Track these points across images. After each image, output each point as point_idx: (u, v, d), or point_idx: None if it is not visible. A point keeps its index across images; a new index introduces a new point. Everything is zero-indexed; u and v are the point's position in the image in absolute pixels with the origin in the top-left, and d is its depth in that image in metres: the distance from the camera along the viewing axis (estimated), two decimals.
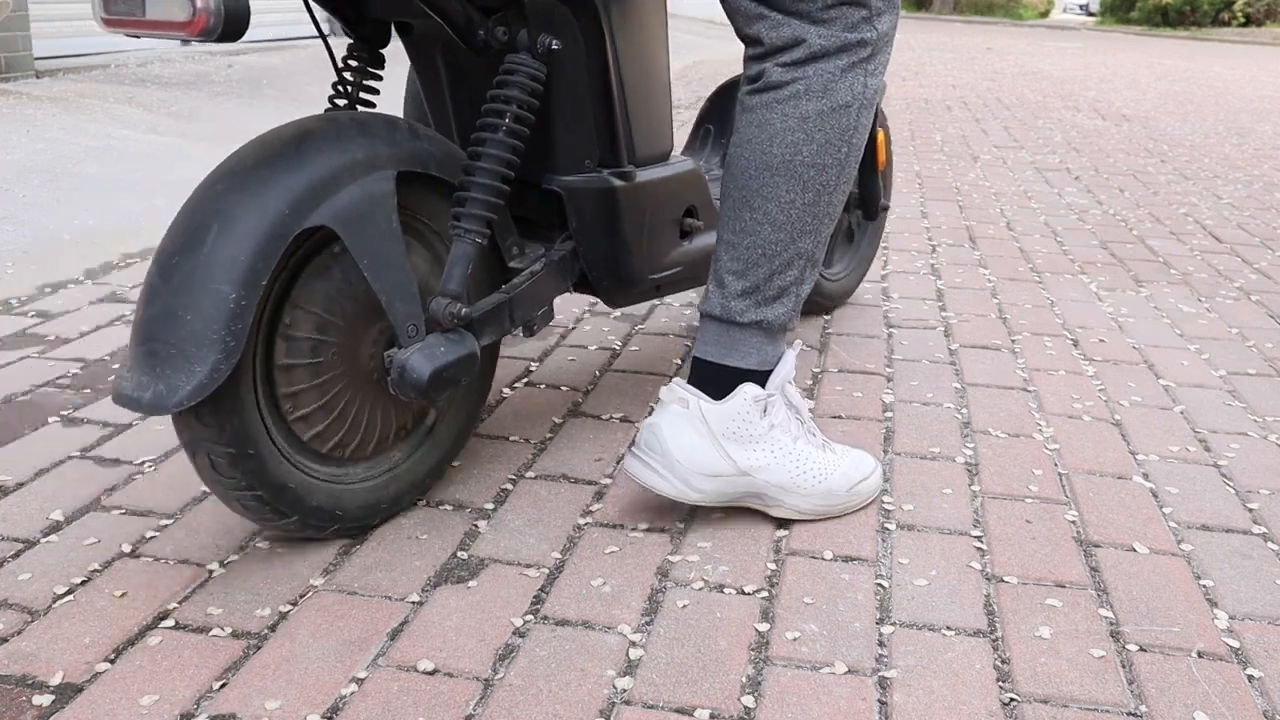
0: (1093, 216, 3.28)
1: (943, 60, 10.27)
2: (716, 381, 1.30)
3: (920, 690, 1.04)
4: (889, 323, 2.17)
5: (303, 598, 1.16)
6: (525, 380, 1.81)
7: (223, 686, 1.01)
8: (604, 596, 1.18)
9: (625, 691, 1.02)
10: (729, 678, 1.05)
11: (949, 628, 1.14)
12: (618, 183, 1.47)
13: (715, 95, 1.98)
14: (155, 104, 4.06)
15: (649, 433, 1.29)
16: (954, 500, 1.42)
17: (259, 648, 1.07)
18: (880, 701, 1.02)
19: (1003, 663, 1.09)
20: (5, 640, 1.08)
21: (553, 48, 1.30)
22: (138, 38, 1.34)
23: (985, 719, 1.00)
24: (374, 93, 1.41)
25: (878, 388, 1.82)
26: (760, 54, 1.25)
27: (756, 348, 1.30)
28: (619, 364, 1.90)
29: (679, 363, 1.91)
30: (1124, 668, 1.08)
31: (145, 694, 1.00)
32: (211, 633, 1.10)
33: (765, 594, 1.19)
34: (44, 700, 0.99)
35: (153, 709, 0.98)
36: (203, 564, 1.22)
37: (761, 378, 1.30)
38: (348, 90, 1.40)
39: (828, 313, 2.20)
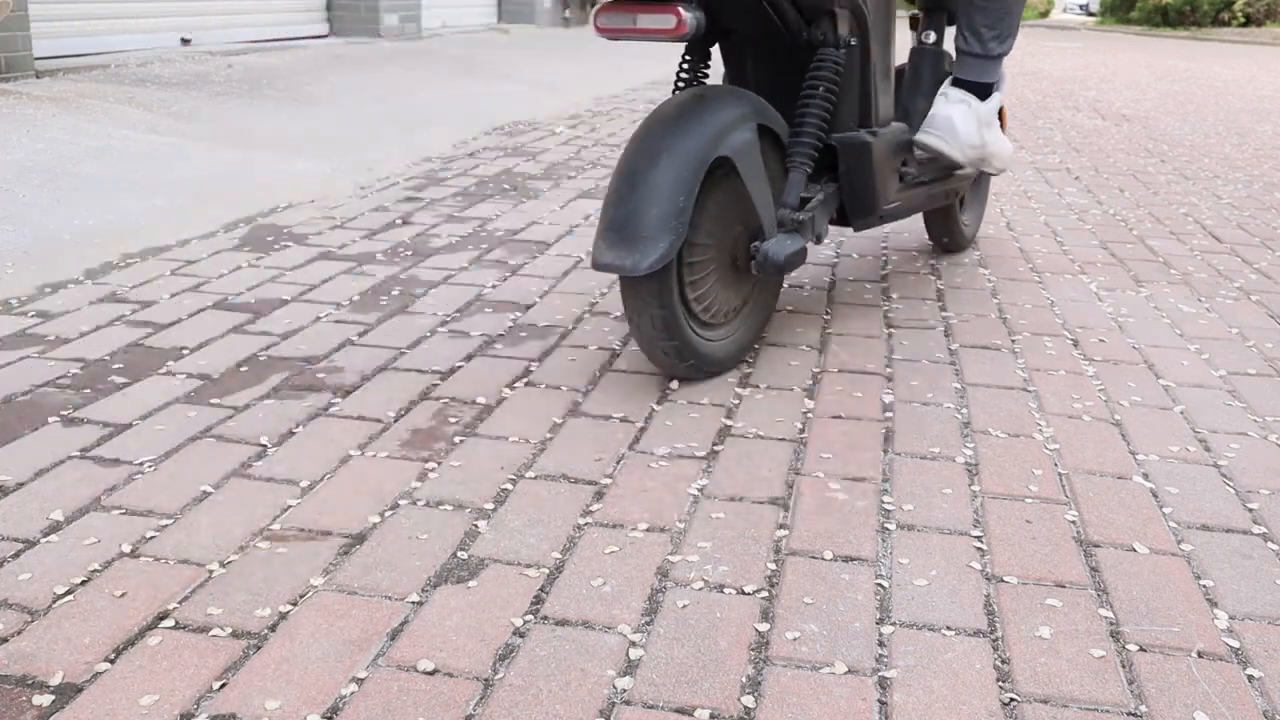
0: (1093, 216, 3.28)
1: None
2: (976, 93, 2.19)
3: (920, 690, 1.04)
4: (889, 323, 2.17)
5: (303, 598, 1.16)
6: (525, 380, 1.81)
7: (223, 686, 1.01)
8: (604, 596, 1.18)
9: (625, 691, 1.02)
10: (729, 678, 1.05)
11: (949, 628, 1.14)
12: (871, 139, 2.02)
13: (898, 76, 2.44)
14: (155, 104, 4.06)
15: (943, 119, 2.15)
16: (954, 500, 1.42)
17: (259, 648, 1.07)
18: (880, 701, 1.02)
19: (1003, 663, 1.09)
20: (5, 640, 1.08)
21: (851, 43, 1.93)
22: (618, 40, 1.84)
23: (985, 719, 1.00)
24: (706, 77, 2.02)
25: (878, 388, 1.82)
26: None
27: (996, 71, 2.20)
28: (619, 364, 1.90)
29: None
30: (1124, 668, 1.08)
31: (145, 694, 1.00)
32: (211, 633, 1.10)
33: (765, 594, 1.19)
34: (44, 700, 0.99)
35: (153, 709, 0.98)
36: (203, 564, 1.22)
37: (991, 90, 2.21)
38: (691, 76, 2.00)
39: (828, 313, 2.21)
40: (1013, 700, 1.03)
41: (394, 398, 1.72)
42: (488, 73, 6.22)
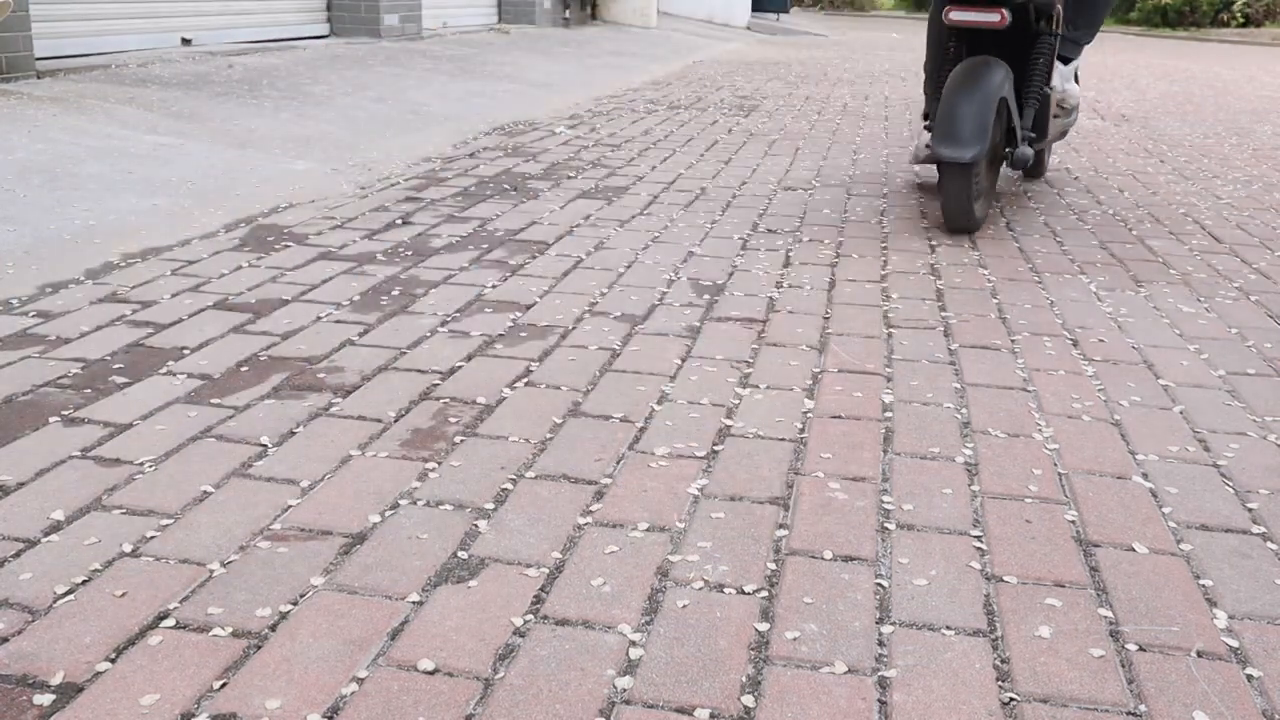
0: (1092, 216, 3.28)
1: None
2: (1063, 61, 3.35)
3: (920, 690, 1.04)
4: (889, 323, 2.17)
5: (303, 597, 1.16)
6: (525, 380, 1.81)
7: (223, 686, 1.02)
8: (604, 596, 1.18)
9: (625, 691, 1.02)
10: (729, 677, 1.05)
11: (949, 627, 1.14)
12: (1050, 91, 3.25)
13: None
14: (155, 104, 4.06)
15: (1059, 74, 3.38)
16: (954, 500, 1.42)
17: (259, 648, 1.08)
18: (880, 701, 1.02)
19: (1002, 662, 1.09)
20: (6, 640, 1.08)
21: (1059, 31, 3.10)
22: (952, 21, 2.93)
23: (985, 719, 1.00)
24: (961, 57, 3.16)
25: (878, 388, 1.82)
26: None
27: (1079, 51, 3.43)
28: (619, 364, 1.90)
29: (679, 363, 1.91)
30: (1123, 667, 1.09)
31: (146, 693, 1.00)
32: (212, 632, 1.10)
33: (765, 594, 1.19)
34: (45, 700, 0.99)
35: (153, 708, 0.98)
36: (203, 564, 1.22)
37: (1070, 60, 3.43)
38: (962, 48, 3.14)
39: (830, 313, 2.20)
40: (1012, 700, 1.03)
41: (394, 398, 1.73)
42: (488, 73, 6.22)
